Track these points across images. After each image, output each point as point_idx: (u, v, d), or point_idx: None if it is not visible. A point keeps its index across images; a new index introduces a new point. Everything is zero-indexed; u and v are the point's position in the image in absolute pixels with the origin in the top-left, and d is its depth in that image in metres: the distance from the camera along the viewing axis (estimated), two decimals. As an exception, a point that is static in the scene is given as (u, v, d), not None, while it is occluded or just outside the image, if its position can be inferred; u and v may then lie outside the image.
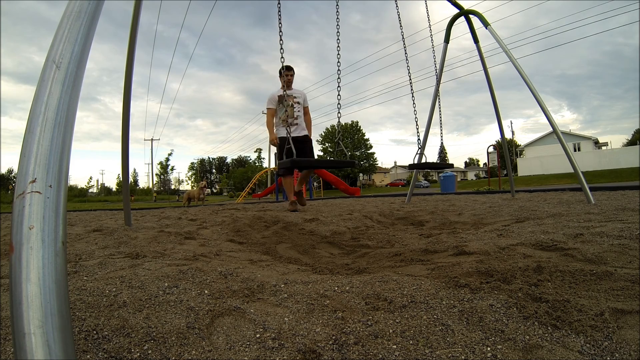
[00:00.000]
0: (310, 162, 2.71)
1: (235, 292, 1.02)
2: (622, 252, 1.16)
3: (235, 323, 0.82)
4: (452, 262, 1.26)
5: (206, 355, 0.68)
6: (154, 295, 0.96)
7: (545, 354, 0.63)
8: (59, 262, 0.52)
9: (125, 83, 2.75)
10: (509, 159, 5.03)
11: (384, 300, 0.90)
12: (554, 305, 0.79)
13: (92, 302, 0.91)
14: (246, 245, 2.12)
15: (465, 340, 0.68)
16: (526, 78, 3.54)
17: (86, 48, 0.69)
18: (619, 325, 0.71)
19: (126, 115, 2.81)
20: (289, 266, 1.51)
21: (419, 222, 2.93)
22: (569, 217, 2.21)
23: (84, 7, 0.71)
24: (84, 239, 2.23)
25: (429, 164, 3.44)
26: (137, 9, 2.62)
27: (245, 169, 52.33)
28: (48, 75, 0.63)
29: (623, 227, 1.56)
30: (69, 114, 0.62)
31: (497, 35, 3.74)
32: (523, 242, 1.48)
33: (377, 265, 1.47)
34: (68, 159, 0.60)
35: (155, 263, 1.38)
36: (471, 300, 0.85)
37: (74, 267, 1.34)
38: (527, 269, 1.03)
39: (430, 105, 4.72)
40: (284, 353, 0.68)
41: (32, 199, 0.53)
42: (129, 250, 1.76)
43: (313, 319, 0.82)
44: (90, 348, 0.70)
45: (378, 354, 0.66)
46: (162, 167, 60.87)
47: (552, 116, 3.54)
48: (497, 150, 14.82)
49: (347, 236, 2.41)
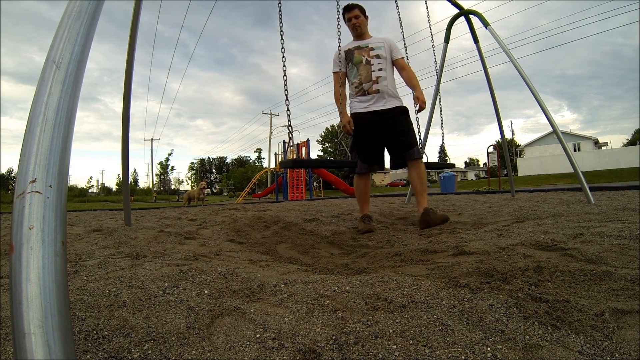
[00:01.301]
0: (311, 161, 2.71)
1: (235, 292, 1.02)
2: (622, 252, 1.16)
3: (235, 323, 0.82)
4: (452, 262, 1.26)
5: (206, 355, 0.68)
6: (154, 295, 0.96)
7: (545, 354, 0.63)
8: (59, 262, 0.52)
9: (125, 83, 2.75)
10: (509, 159, 5.03)
11: (384, 300, 0.90)
12: (554, 305, 0.79)
13: (92, 302, 0.91)
14: (246, 245, 2.12)
15: (465, 340, 0.68)
16: (526, 78, 3.55)
17: (86, 48, 0.69)
18: (619, 325, 0.71)
19: (126, 115, 2.81)
20: (289, 266, 1.51)
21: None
22: (569, 217, 2.21)
23: (84, 7, 0.71)
24: (84, 239, 2.23)
25: (430, 164, 3.44)
26: (137, 9, 2.62)
27: (245, 169, 52.34)
28: (48, 75, 0.63)
29: (623, 227, 1.56)
30: (69, 114, 0.62)
31: (497, 35, 3.74)
32: (523, 242, 1.48)
33: (377, 265, 1.47)
34: (68, 159, 0.60)
35: (155, 263, 1.38)
36: (471, 300, 0.85)
37: (74, 267, 1.34)
38: (527, 269, 1.03)
39: (430, 105, 4.72)
40: (284, 353, 0.68)
41: (32, 199, 0.53)
42: (129, 250, 1.76)
43: (313, 319, 0.82)
44: (90, 348, 0.70)
45: (378, 354, 0.66)
46: (162, 167, 60.89)
47: (552, 116, 3.54)
48: (497, 150, 14.82)
49: (347, 236, 2.41)
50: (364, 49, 2.63)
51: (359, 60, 2.61)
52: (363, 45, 2.64)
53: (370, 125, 2.60)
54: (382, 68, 2.59)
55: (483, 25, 3.98)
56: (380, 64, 2.59)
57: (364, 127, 2.61)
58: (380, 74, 2.59)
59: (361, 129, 2.61)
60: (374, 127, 2.61)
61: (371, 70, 2.58)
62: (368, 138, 2.63)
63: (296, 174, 16.83)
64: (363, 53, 2.62)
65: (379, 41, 2.66)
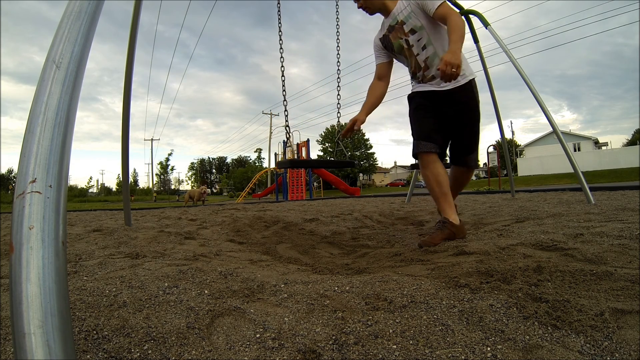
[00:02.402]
0: (309, 162, 2.71)
1: (235, 292, 1.02)
2: (622, 252, 1.16)
3: (235, 323, 0.82)
4: (452, 262, 1.26)
5: (206, 355, 0.68)
6: (154, 295, 0.96)
7: (545, 354, 0.63)
8: (59, 262, 0.52)
9: (125, 83, 2.75)
10: (509, 159, 5.03)
11: (384, 300, 0.90)
12: (554, 305, 0.79)
13: (92, 302, 0.91)
14: (246, 245, 2.12)
15: (465, 340, 0.68)
16: (526, 78, 3.54)
17: (86, 48, 0.69)
18: (619, 325, 0.71)
19: (126, 115, 2.81)
20: (289, 266, 1.51)
21: (419, 222, 2.93)
22: (569, 217, 2.21)
23: (84, 7, 0.71)
24: (84, 239, 2.23)
25: None
26: (137, 9, 2.62)
27: (245, 169, 52.35)
28: (48, 75, 0.63)
29: (623, 227, 1.56)
30: (69, 114, 0.62)
31: (497, 35, 3.74)
32: (523, 242, 1.48)
33: (377, 265, 1.47)
34: (68, 159, 0.60)
35: (155, 263, 1.38)
36: (471, 300, 0.85)
37: (74, 267, 1.34)
38: (527, 269, 1.03)
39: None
40: (284, 353, 0.68)
41: (32, 199, 0.53)
42: (129, 250, 1.76)
43: (313, 319, 0.82)
44: (90, 348, 0.70)
45: (378, 354, 0.66)
46: (162, 167, 60.90)
47: (552, 116, 3.53)
48: (497, 150, 14.81)
49: (347, 236, 2.41)
50: (395, 27, 1.92)
51: (399, 47, 1.94)
52: (393, 23, 1.93)
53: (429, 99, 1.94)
54: (425, 44, 1.85)
55: (483, 25, 3.98)
56: (421, 39, 1.85)
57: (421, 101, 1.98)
58: (427, 54, 1.86)
59: (417, 104, 1.99)
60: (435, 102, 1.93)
61: (414, 55, 1.90)
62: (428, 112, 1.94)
63: (296, 174, 16.84)
64: (398, 34, 1.91)
65: (404, 6, 1.87)
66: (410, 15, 1.84)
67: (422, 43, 1.85)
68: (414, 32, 1.85)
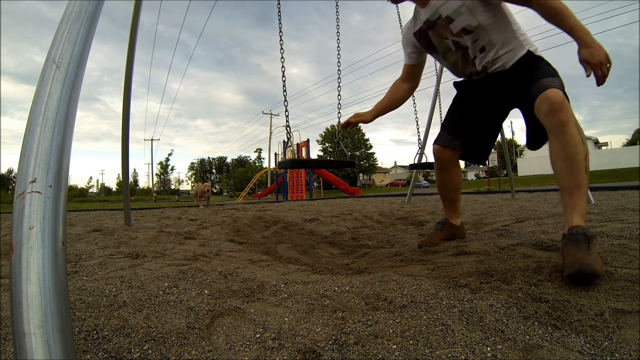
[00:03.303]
0: (310, 162, 2.71)
1: (235, 292, 1.02)
2: (622, 252, 1.16)
3: (235, 323, 0.82)
4: (452, 262, 1.26)
5: (206, 355, 0.68)
6: (154, 295, 0.96)
7: (545, 354, 0.63)
8: (59, 262, 0.52)
9: (126, 83, 2.75)
10: (509, 159, 5.03)
11: (384, 300, 0.90)
12: (554, 305, 0.79)
13: (92, 302, 0.91)
14: (246, 245, 2.12)
15: (465, 340, 0.68)
16: (526, 78, 3.54)
17: (86, 48, 0.69)
18: (619, 325, 0.71)
19: (126, 115, 2.81)
20: (289, 266, 1.51)
21: (419, 222, 2.93)
22: (569, 217, 2.21)
23: (84, 7, 0.71)
24: (84, 239, 2.23)
25: (430, 164, 3.44)
26: (137, 9, 2.62)
27: (245, 169, 52.35)
28: (48, 75, 0.63)
29: (623, 227, 1.56)
30: (69, 114, 0.62)
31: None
32: (523, 242, 1.48)
33: (377, 265, 1.47)
34: (68, 159, 0.60)
35: (155, 263, 1.38)
36: (471, 300, 0.85)
37: (74, 267, 1.34)
38: (527, 269, 1.03)
39: (430, 105, 4.72)
40: (284, 353, 0.68)
41: (32, 199, 0.53)
42: (129, 250, 1.76)
43: (313, 319, 0.82)
44: (90, 348, 0.70)
45: (378, 354, 0.66)
46: (162, 167, 60.91)
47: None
48: (497, 150, 14.82)
49: (347, 236, 2.41)
50: (438, 24, 1.48)
51: (446, 48, 1.52)
52: (433, 17, 1.49)
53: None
54: (484, 45, 1.43)
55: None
56: (478, 40, 1.43)
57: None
58: (488, 56, 1.45)
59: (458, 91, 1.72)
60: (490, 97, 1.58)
61: (471, 59, 1.48)
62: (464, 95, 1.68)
63: (296, 174, 16.84)
64: (443, 33, 1.49)
65: None
66: (462, 9, 1.41)
67: (480, 43, 1.44)
68: (468, 33, 1.43)
